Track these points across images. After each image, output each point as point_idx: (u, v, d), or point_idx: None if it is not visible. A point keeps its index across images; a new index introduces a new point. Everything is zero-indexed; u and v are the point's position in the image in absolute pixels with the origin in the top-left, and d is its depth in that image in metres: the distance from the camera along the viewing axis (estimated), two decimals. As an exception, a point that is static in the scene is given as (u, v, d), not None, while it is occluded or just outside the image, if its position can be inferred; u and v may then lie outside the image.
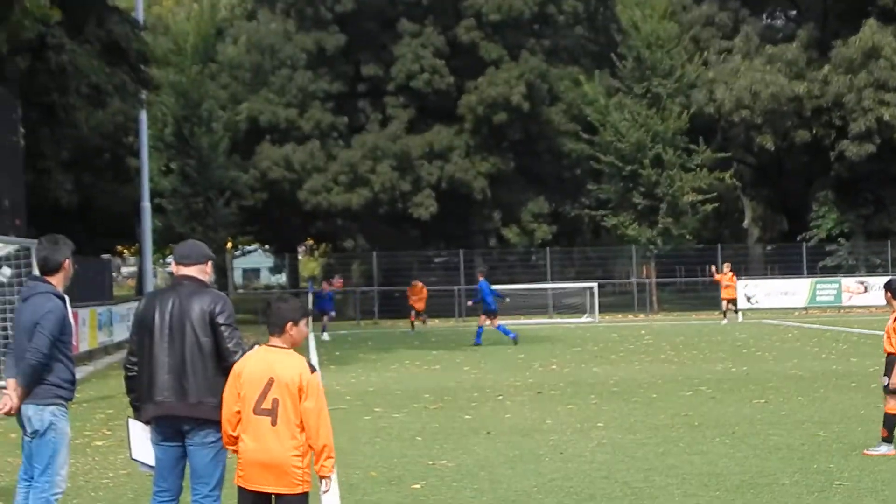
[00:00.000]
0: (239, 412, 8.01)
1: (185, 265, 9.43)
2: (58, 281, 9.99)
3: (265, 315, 8.21)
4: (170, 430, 9.10)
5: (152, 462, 9.33)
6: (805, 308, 55.53)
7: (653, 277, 60.48)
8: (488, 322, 37.76)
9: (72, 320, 10.32)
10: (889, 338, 14.52)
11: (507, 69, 58.27)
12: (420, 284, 49.06)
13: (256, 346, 8.44)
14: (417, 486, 13.05)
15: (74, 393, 10.05)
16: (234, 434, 8.07)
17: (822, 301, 55.62)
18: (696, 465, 13.96)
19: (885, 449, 14.28)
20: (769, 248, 75.10)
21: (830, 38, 62.27)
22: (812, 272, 59.62)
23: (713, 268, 51.55)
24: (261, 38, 59.89)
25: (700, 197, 58.55)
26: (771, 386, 22.85)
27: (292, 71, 58.80)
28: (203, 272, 9.44)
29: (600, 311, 53.78)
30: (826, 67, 60.16)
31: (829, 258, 61.48)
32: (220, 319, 9.07)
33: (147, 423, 9.27)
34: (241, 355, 8.84)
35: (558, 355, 32.14)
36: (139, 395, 9.30)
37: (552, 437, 16.49)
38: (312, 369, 8.09)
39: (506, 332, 37.02)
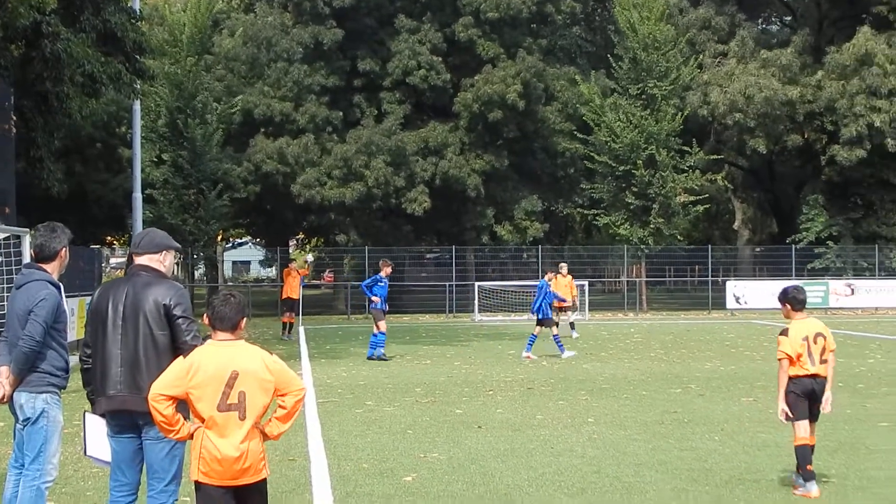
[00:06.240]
0: (173, 397, 7.80)
1: (138, 254, 9.19)
2: (53, 269, 9.98)
3: (213, 311, 7.93)
4: (125, 423, 8.88)
5: (107, 458, 9.13)
6: (793, 309, 55.55)
7: (643, 277, 60.58)
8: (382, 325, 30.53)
9: (66, 308, 10.31)
10: None
11: (503, 67, 58.20)
12: (294, 269, 42.15)
13: (209, 341, 8.10)
14: (409, 478, 13.11)
15: (68, 381, 10.03)
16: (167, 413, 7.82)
17: (809, 303, 55.44)
18: (685, 460, 14.09)
19: None
20: (758, 249, 75.20)
21: (825, 45, 62.66)
22: (800, 274, 59.74)
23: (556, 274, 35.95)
24: (257, 31, 59.72)
25: (692, 198, 58.76)
26: (759, 385, 22.98)
27: (288, 64, 58.67)
28: (158, 262, 9.17)
29: (590, 309, 53.80)
30: (819, 73, 60.39)
31: (817, 261, 61.63)
32: (177, 312, 8.81)
33: (102, 416, 9.03)
34: None
35: (548, 351, 32.19)
36: (95, 389, 9.08)
37: (543, 432, 16.57)
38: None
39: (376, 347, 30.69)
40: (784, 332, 12.61)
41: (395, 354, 31.48)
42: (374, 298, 30.21)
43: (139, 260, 9.19)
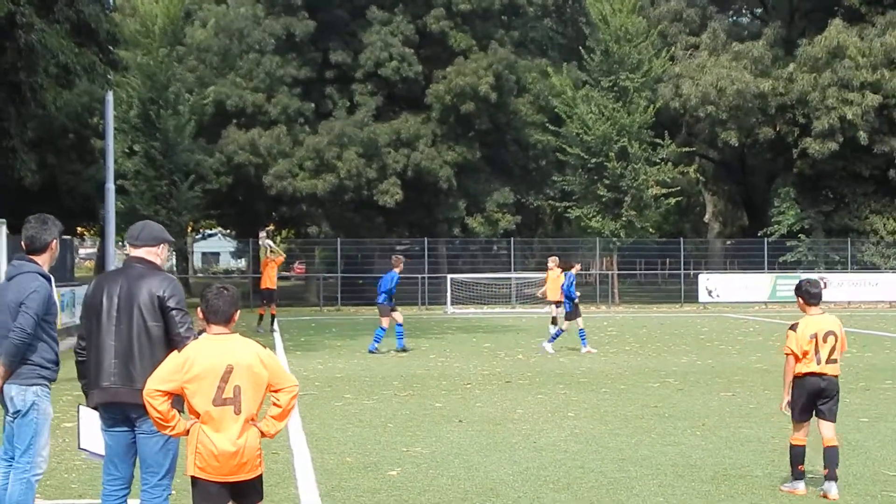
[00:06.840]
0: (169, 393, 7.81)
1: (135, 246, 9.19)
2: (44, 261, 9.95)
3: (207, 304, 7.93)
4: (118, 416, 8.86)
5: (101, 451, 9.12)
6: (765, 303, 55.85)
7: (614, 269, 60.62)
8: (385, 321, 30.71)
9: (56, 300, 10.27)
10: None
11: (475, 59, 58.22)
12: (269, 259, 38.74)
13: (204, 335, 8.08)
14: (394, 472, 13.14)
15: (58, 374, 10.01)
16: (161, 409, 7.82)
17: (782, 296, 55.76)
18: (669, 455, 14.11)
19: None
20: (730, 242, 75.39)
21: (796, 37, 62.82)
22: (772, 268, 59.94)
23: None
24: (229, 22, 59.52)
25: (664, 191, 58.72)
26: (737, 379, 23.05)
27: (260, 56, 58.56)
28: (154, 254, 9.19)
29: (562, 303, 53.78)
30: (791, 65, 60.53)
31: (789, 254, 61.80)
32: (171, 304, 8.83)
33: (95, 408, 9.01)
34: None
35: (523, 345, 32.26)
36: (89, 381, 9.07)
37: (524, 426, 16.60)
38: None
39: (378, 340, 30.80)
40: (793, 327, 12.28)
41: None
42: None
43: (135, 252, 9.19)
